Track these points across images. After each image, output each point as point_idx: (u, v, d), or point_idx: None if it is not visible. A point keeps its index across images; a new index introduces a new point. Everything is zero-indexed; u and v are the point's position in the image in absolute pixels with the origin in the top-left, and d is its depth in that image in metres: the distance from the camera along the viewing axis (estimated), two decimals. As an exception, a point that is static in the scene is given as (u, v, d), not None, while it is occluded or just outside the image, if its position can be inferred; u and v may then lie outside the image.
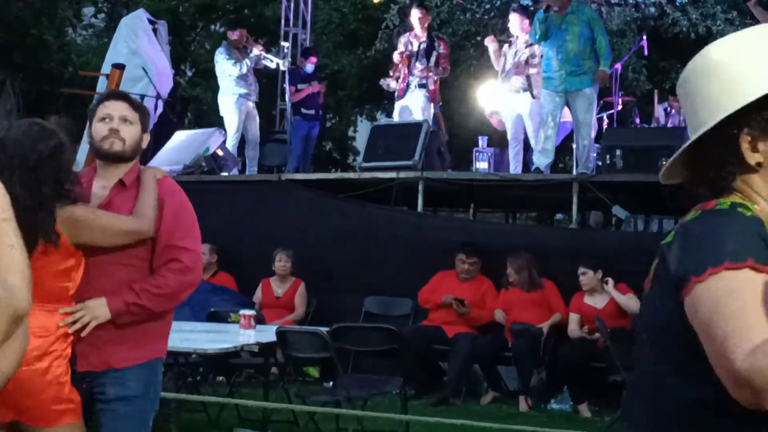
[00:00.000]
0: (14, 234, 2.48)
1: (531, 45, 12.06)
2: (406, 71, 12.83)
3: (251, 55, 13.50)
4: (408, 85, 12.83)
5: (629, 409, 2.31)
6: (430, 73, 12.72)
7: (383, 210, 11.33)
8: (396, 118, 13.13)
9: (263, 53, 13.77)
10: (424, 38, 12.83)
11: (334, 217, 11.36)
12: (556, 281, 9.91)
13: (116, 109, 4.56)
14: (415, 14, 13.01)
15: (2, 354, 2.79)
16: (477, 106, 15.67)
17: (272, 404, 8.13)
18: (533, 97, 12.05)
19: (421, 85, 12.78)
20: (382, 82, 13.41)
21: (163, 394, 5.10)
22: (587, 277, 9.55)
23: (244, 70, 13.42)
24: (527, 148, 12.46)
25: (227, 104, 13.63)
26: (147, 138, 4.74)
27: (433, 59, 12.75)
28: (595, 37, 11.35)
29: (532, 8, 14.50)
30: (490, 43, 12.99)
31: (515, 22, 12.46)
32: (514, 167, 12.30)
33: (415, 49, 12.81)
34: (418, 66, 12.77)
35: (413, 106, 12.84)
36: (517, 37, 12.44)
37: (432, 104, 12.91)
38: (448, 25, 20.39)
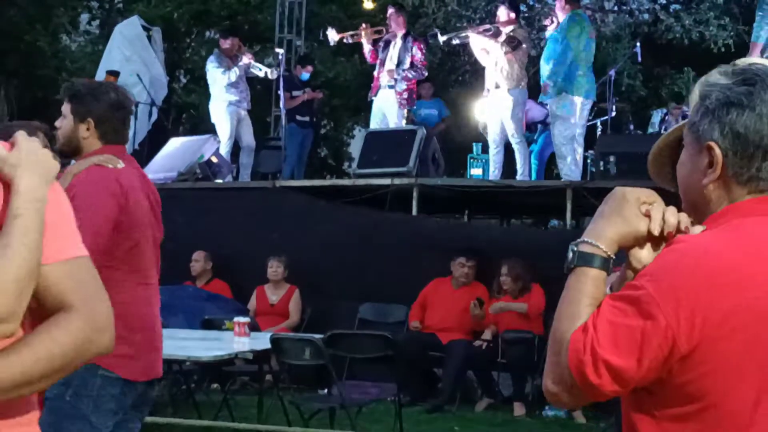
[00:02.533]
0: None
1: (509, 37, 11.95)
2: (380, 71, 12.85)
3: (240, 63, 13.49)
4: (380, 85, 12.86)
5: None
6: (396, 76, 12.70)
7: (378, 215, 11.34)
8: (373, 117, 13.17)
9: (252, 62, 13.77)
10: (399, 38, 12.82)
11: (329, 224, 11.36)
12: (550, 284, 9.90)
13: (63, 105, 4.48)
14: (389, 12, 13.07)
15: None
16: (471, 112, 15.67)
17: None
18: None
19: (390, 86, 12.78)
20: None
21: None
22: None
23: (233, 78, 13.41)
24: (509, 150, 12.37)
25: (218, 111, 13.62)
26: (85, 126, 4.43)
27: (407, 62, 12.73)
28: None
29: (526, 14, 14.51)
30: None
31: (503, 14, 12.33)
32: (494, 171, 12.23)
33: (390, 49, 12.82)
34: (388, 66, 12.78)
35: (384, 106, 12.90)
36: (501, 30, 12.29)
37: (403, 106, 12.91)
38: (444, 31, 20.41)
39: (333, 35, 13.23)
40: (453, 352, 9.82)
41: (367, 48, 13.04)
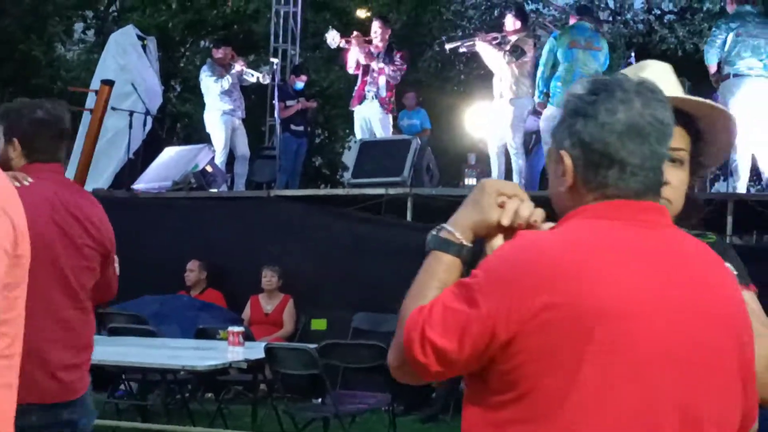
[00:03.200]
0: None
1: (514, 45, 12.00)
2: (364, 80, 12.86)
3: (233, 71, 13.50)
4: (365, 96, 12.86)
5: None
6: (387, 79, 12.73)
7: (372, 224, 11.33)
8: (356, 126, 13.20)
9: (244, 68, 13.78)
10: (381, 51, 12.84)
11: (323, 234, 11.36)
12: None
13: None
14: (374, 26, 13.06)
15: None
16: (466, 122, 15.71)
17: None
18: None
19: (374, 96, 12.81)
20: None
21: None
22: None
23: (226, 86, 13.41)
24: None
25: (213, 120, 13.62)
26: (11, 146, 4.24)
27: (386, 72, 12.76)
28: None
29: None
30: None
31: (509, 22, 12.37)
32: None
33: (374, 67, 12.82)
34: (372, 76, 12.79)
35: (370, 116, 12.91)
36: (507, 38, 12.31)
37: (389, 113, 12.98)
38: (439, 41, 20.46)
39: (335, 37, 13.23)
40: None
41: (354, 56, 13.01)
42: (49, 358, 4.14)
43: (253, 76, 13.86)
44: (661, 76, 2.48)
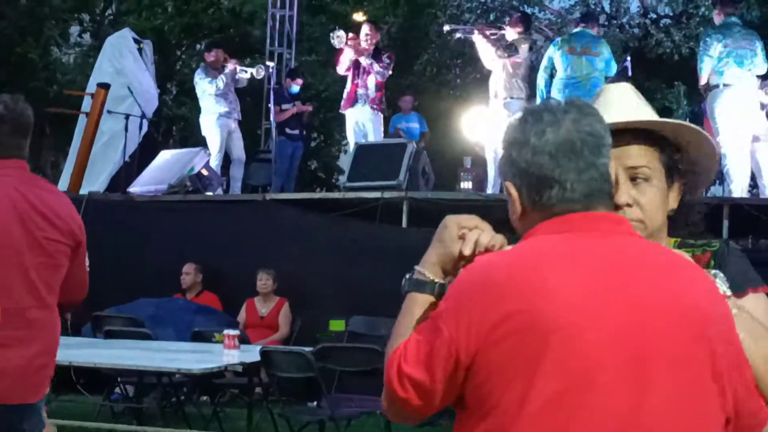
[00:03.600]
0: None
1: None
2: (355, 83, 12.89)
3: (226, 71, 13.53)
4: (357, 98, 12.90)
5: None
6: (376, 79, 12.77)
7: (368, 228, 11.34)
8: (348, 129, 13.26)
9: (238, 66, 13.80)
10: (370, 52, 12.89)
11: (319, 237, 11.36)
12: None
13: None
14: (364, 29, 13.10)
15: None
16: (462, 125, 15.71)
17: None
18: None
19: (366, 98, 12.86)
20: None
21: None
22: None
23: (221, 85, 13.42)
24: None
25: (208, 124, 13.62)
26: None
27: (374, 70, 12.80)
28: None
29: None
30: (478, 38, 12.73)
31: (512, 23, 12.40)
32: (492, 183, 12.26)
33: (362, 63, 12.86)
34: (363, 78, 12.83)
35: (362, 118, 12.97)
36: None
37: (380, 114, 13.04)
38: (435, 46, 20.51)
39: (342, 37, 13.24)
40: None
41: (347, 56, 13.02)
42: (10, 356, 4.08)
43: (246, 73, 13.87)
44: (619, 97, 2.56)
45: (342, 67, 13.11)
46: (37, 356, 4.18)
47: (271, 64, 15.32)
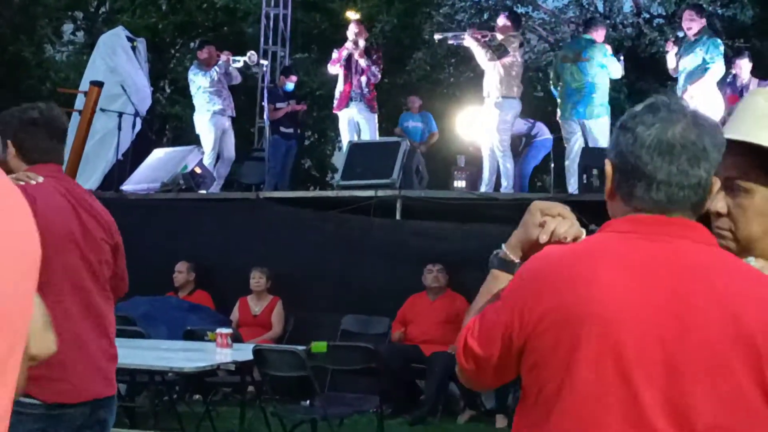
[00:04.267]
0: None
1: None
2: (348, 82, 12.92)
3: (220, 62, 13.55)
4: (351, 97, 12.92)
5: None
6: (369, 78, 12.81)
7: (361, 227, 11.34)
8: (342, 128, 13.28)
9: (231, 57, 13.80)
10: (361, 51, 12.92)
11: (312, 236, 11.36)
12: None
13: None
14: (352, 28, 13.14)
15: None
16: (456, 124, 15.70)
17: None
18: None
19: (361, 97, 12.87)
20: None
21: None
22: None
23: (215, 76, 13.44)
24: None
25: (203, 122, 13.64)
26: (9, 149, 4.28)
27: (370, 70, 12.85)
28: None
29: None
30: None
31: (501, 21, 12.40)
32: (486, 182, 12.27)
33: (353, 61, 12.89)
34: (357, 78, 12.87)
35: (356, 117, 13.03)
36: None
37: (374, 110, 13.11)
38: (429, 45, 20.48)
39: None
40: (436, 364, 9.82)
41: (346, 52, 13.04)
42: (92, 350, 4.27)
43: (239, 62, 13.89)
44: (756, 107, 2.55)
45: (335, 61, 13.13)
46: (111, 347, 4.47)
47: (265, 62, 15.32)
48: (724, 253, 2.30)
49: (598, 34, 12.28)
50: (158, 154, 13.93)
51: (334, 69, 13.20)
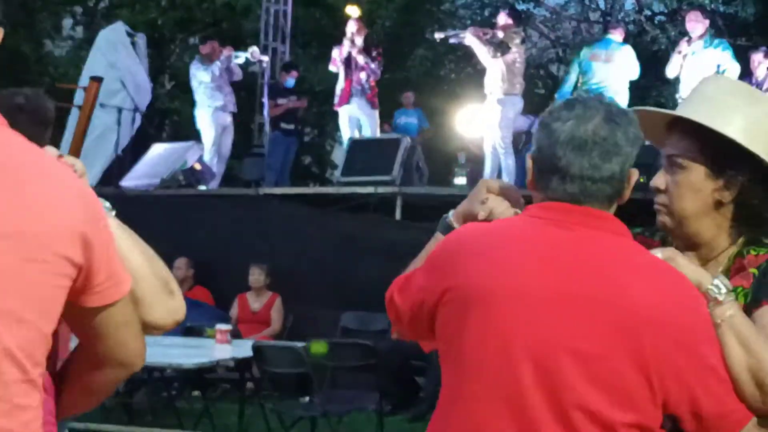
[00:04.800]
0: None
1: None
2: (348, 79, 12.90)
3: (222, 57, 13.55)
4: (352, 94, 12.90)
5: None
6: (369, 75, 12.81)
7: (361, 223, 11.33)
8: (343, 125, 13.22)
9: (233, 52, 13.79)
10: (360, 47, 12.91)
11: (312, 232, 11.34)
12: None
13: None
14: (351, 26, 13.11)
15: None
16: (456, 121, 15.70)
17: None
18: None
19: (362, 93, 12.86)
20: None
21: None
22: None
23: (216, 71, 13.44)
24: None
25: (204, 117, 13.64)
26: None
27: (371, 66, 12.85)
28: None
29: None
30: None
31: (501, 19, 12.39)
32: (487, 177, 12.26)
33: (354, 57, 12.89)
34: (356, 74, 12.86)
35: (357, 113, 13.03)
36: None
37: (376, 107, 13.14)
38: (430, 42, 20.45)
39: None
40: (435, 360, 9.77)
41: (346, 48, 13.02)
42: None
43: (240, 57, 13.90)
44: (704, 92, 2.64)
45: (335, 59, 13.12)
46: None
47: (265, 58, 15.30)
48: (630, 244, 2.36)
49: (620, 34, 12.38)
50: (157, 149, 13.91)
51: (335, 68, 13.19)
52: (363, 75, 12.85)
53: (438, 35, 13.97)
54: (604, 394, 2.19)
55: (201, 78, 13.57)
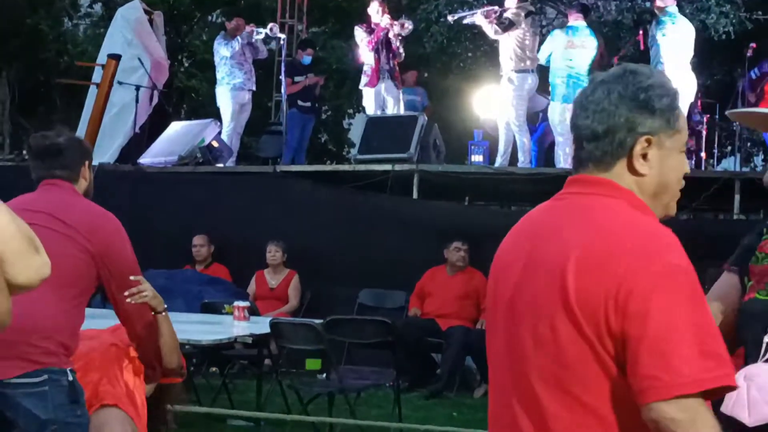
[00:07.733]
0: None
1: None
2: (377, 59, 12.86)
3: (243, 33, 13.60)
4: (380, 74, 12.88)
5: None
6: (395, 59, 12.83)
7: (378, 200, 11.35)
8: (369, 105, 13.19)
9: (255, 29, 13.82)
10: (386, 27, 12.89)
11: (329, 209, 11.37)
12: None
13: None
14: (374, 6, 13.06)
15: None
16: (473, 99, 15.67)
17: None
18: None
19: (390, 73, 12.85)
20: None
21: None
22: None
23: (236, 47, 13.47)
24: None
25: (223, 94, 13.65)
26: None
27: (394, 45, 12.84)
28: None
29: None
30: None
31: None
32: (502, 156, 12.24)
33: (389, 39, 12.87)
34: (384, 54, 12.83)
35: (386, 93, 13.02)
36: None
37: (400, 86, 13.18)
38: (444, 20, 20.37)
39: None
40: (452, 338, 9.83)
41: (382, 34, 12.99)
42: None
43: (261, 33, 13.92)
44: None
45: (363, 40, 13.07)
46: None
47: (281, 36, 15.29)
48: (612, 204, 2.30)
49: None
50: (175, 127, 13.93)
51: (370, 53, 13.06)
52: (391, 56, 12.84)
53: (451, 17, 13.99)
54: (553, 356, 2.24)
55: (222, 53, 13.61)
